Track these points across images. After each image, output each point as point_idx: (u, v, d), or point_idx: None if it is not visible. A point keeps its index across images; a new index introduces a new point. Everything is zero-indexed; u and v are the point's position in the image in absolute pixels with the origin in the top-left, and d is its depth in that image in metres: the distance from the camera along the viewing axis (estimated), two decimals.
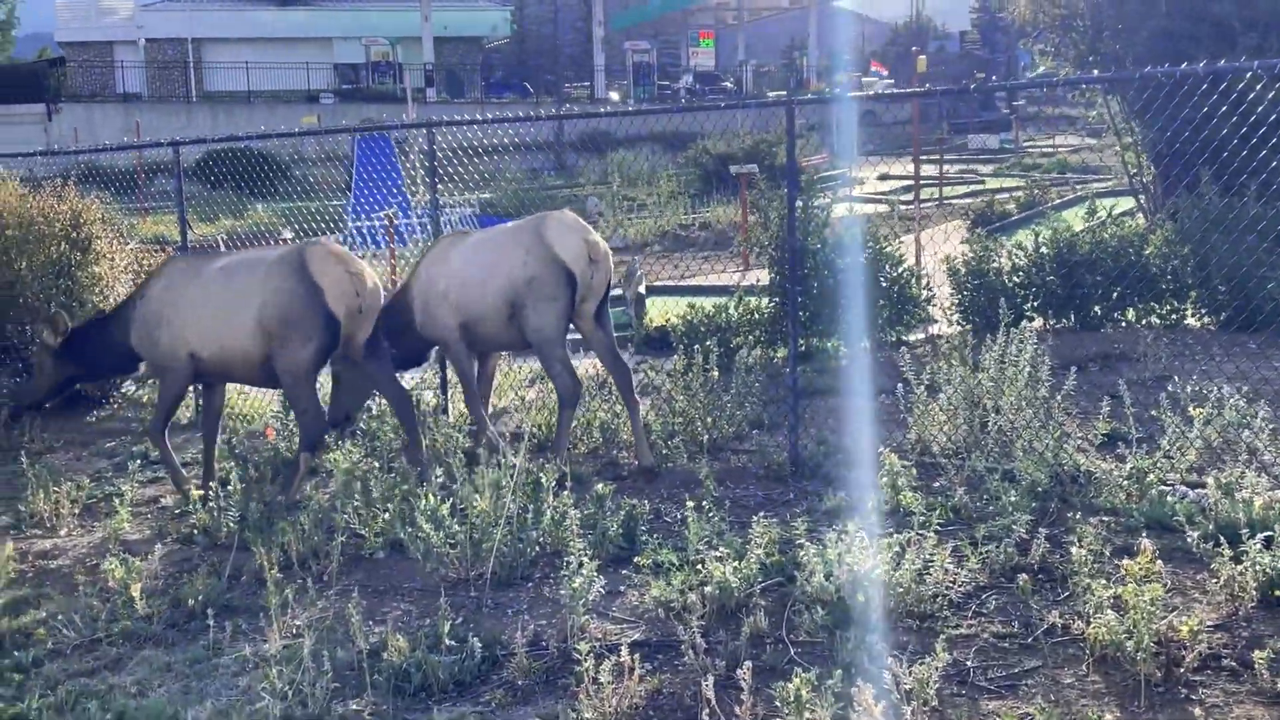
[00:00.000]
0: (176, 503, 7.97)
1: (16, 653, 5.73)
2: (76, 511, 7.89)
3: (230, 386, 9.04)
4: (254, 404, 10.42)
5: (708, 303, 11.42)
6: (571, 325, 7.98)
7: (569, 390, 7.81)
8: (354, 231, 22.81)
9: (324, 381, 8.07)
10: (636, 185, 32.03)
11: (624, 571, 6.18)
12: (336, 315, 7.44)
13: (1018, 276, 10.82)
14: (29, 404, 8.60)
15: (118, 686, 5.26)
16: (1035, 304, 10.78)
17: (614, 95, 58.34)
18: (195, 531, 7.23)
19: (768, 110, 10.24)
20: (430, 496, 6.29)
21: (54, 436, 10.09)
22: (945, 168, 29.26)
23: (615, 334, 8.34)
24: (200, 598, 6.00)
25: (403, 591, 6.21)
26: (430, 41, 54.24)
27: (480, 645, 5.16)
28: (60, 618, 6.07)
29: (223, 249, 12.29)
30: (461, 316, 7.97)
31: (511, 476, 6.34)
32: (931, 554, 5.51)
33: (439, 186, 10.17)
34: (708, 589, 5.54)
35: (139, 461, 8.94)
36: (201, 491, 7.62)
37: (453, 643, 5.19)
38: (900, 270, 11.21)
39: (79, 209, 10.83)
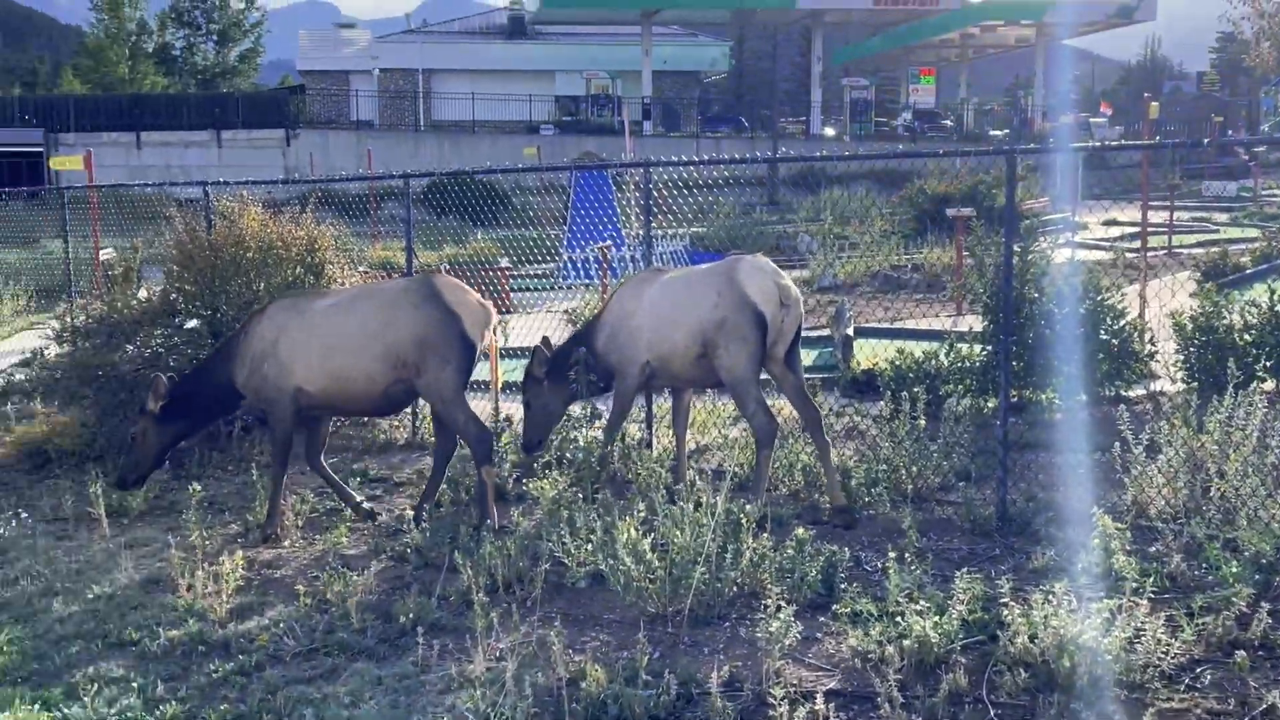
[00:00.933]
0: (393, 520, 8.32)
1: (241, 656, 6.08)
2: (300, 524, 8.32)
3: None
4: None
5: (917, 348, 11.27)
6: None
7: (765, 430, 7.83)
8: (568, 263, 23.44)
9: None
10: (849, 223, 31.86)
11: (821, 618, 6.16)
12: (473, 340, 7.97)
13: (1250, 334, 10.31)
14: (135, 478, 8.47)
15: (332, 696, 5.53)
16: (1268, 364, 10.25)
17: (829, 131, 58.17)
18: (409, 550, 7.52)
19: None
20: (632, 530, 6.40)
21: (263, 449, 10.63)
22: (1176, 215, 28.12)
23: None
24: (411, 615, 6.26)
25: (602, 622, 6.34)
26: (649, 75, 55.25)
27: (676, 682, 5.23)
28: (281, 625, 6.42)
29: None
30: (649, 353, 8.11)
31: (712, 515, 6.40)
32: (1144, 622, 5.31)
33: (653, 221, 10.36)
34: (906, 642, 5.48)
35: (358, 480, 9.43)
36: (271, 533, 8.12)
37: (649, 677, 5.28)
38: (1122, 324, 10.83)
39: (315, 235, 11.42)
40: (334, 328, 8.10)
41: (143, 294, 11.81)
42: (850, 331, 13.18)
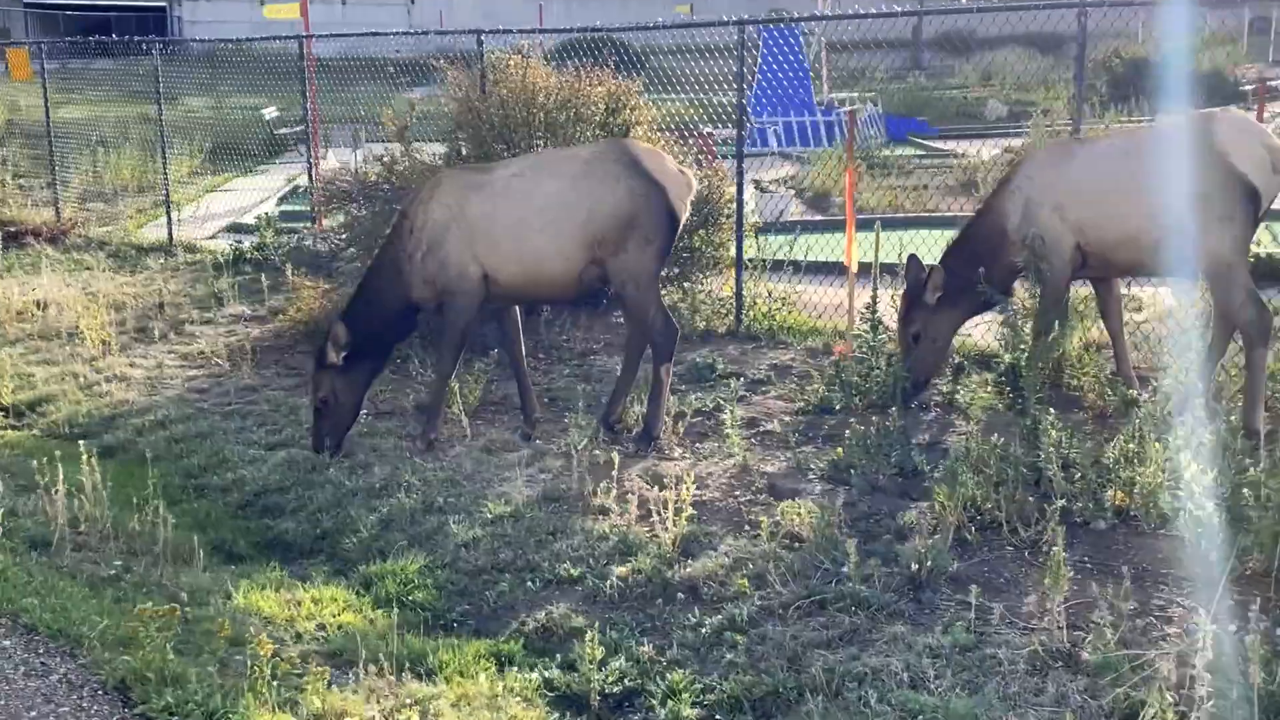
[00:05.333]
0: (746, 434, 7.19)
1: (724, 606, 5.00)
2: (680, 430, 7.21)
3: None
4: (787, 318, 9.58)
5: None
6: None
7: (1259, 325, 6.40)
8: (757, 129, 21.83)
9: None
10: (1030, 90, 29.67)
11: None
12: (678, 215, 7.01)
13: None
14: (336, 442, 7.09)
15: (885, 671, 4.40)
16: None
17: None
18: (844, 470, 6.36)
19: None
20: (1193, 464, 5.12)
21: (588, 335, 9.56)
22: None
23: None
24: (928, 564, 5.07)
25: (1161, 578, 5.10)
26: None
27: None
28: (750, 566, 5.33)
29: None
30: (1082, 236, 6.72)
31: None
32: None
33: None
34: None
35: (713, 374, 8.32)
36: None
37: None
38: None
39: (618, 90, 10.13)
40: (523, 202, 6.97)
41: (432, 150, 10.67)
42: None
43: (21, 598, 4.66)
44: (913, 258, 7.32)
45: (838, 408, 7.42)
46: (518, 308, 7.56)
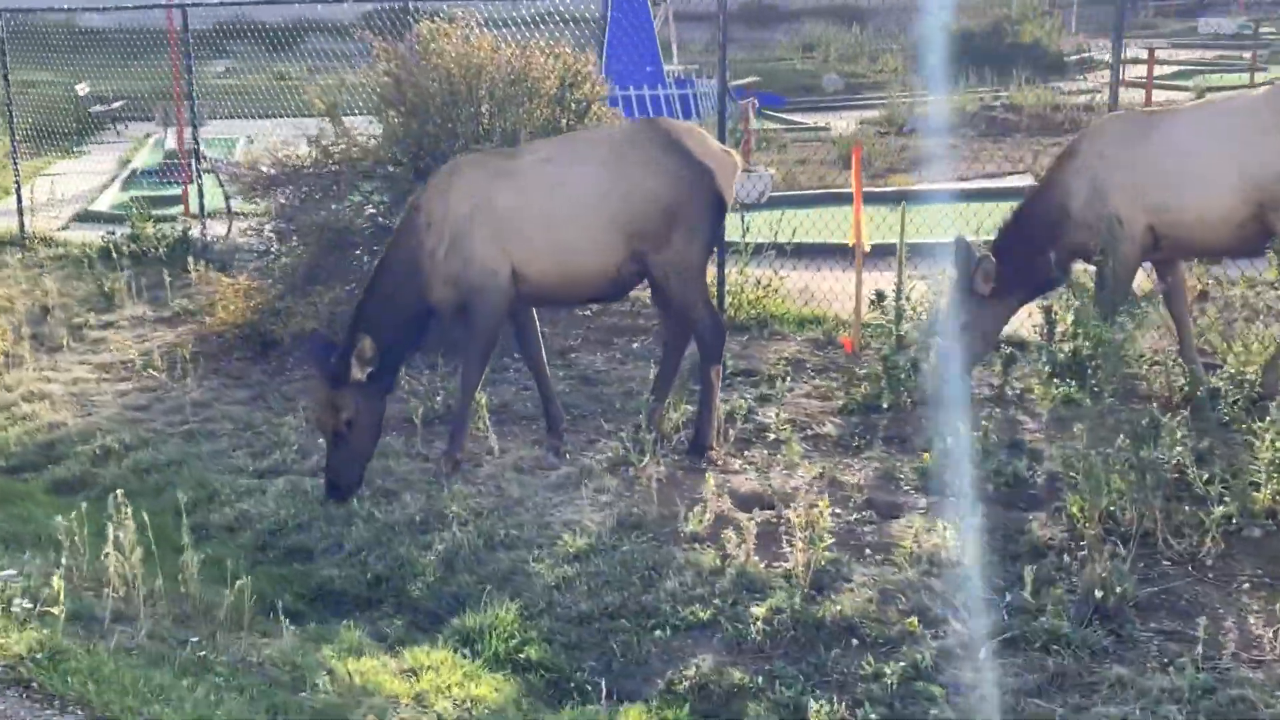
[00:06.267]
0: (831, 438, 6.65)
1: (900, 649, 4.43)
2: (729, 437, 6.59)
3: None
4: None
5: None
6: None
7: None
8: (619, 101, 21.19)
9: None
10: (856, 61, 30.01)
11: None
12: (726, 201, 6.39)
13: None
14: (354, 479, 6.03)
15: None
16: None
17: None
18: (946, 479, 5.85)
19: None
20: None
21: (561, 332, 8.82)
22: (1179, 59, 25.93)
23: None
24: (1116, 590, 4.58)
25: None
26: None
27: None
28: (903, 599, 4.79)
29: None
30: (1155, 216, 6.40)
31: None
32: None
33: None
34: None
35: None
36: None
37: None
38: None
39: (574, 64, 9.34)
40: (556, 190, 6.27)
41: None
42: None
43: (102, 694, 3.73)
44: (961, 240, 6.88)
45: (885, 406, 6.92)
46: (534, 310, 6.78)
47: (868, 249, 8.25)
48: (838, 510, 5.60)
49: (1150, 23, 37.31)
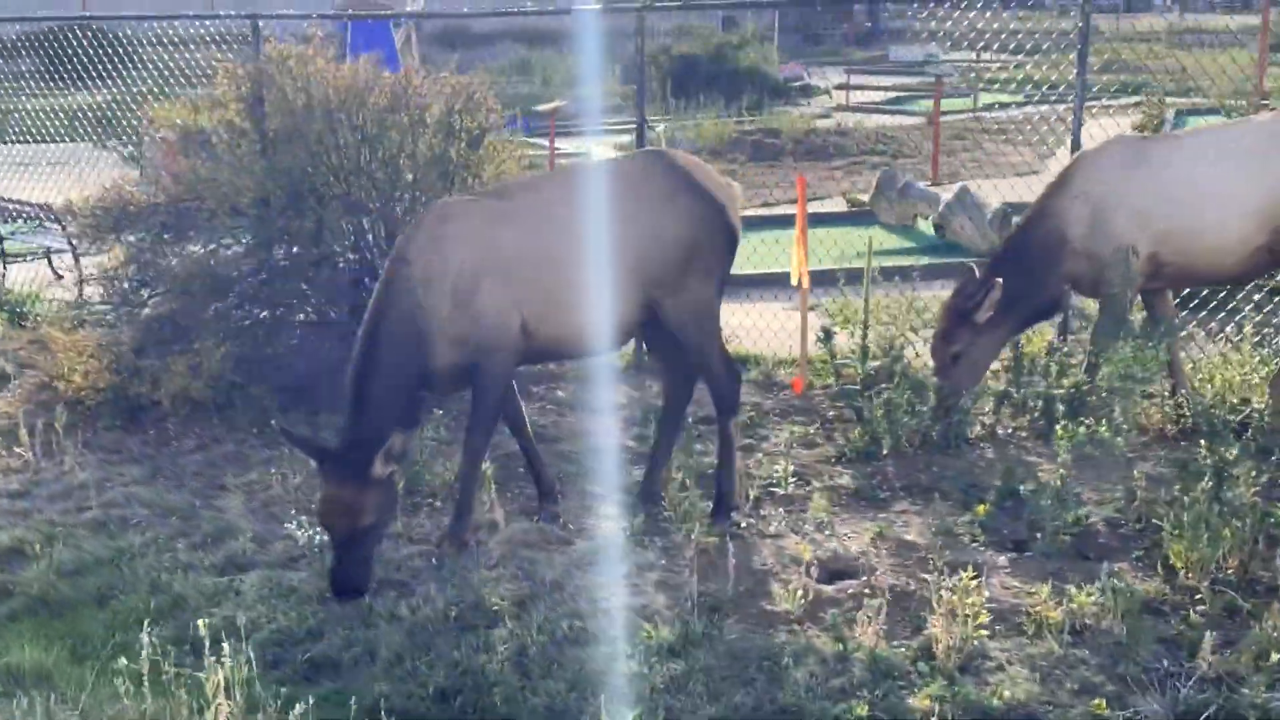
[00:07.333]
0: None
1: None
2: (749, 494, 6.04)
3: None
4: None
5: None
6: None
7: None
8: None
9: None
10: (572, 85, 30.14)
11: None
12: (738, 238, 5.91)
13: None
14: (364, 576, 5.15)
15: None
16: None
17: None
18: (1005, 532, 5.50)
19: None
20: None
21: None
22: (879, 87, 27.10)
23: None
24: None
25: None
26: None
27: None
28: (1066, 677, 4.38)
29: None
30: (1160, 244, 6.34)
31: None
32: None
33: None
34: None
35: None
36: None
37: None
38: None
39: (468, 87, 8.51)
40: (565, 233, 5.61)
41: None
42: None
43: None
44: (964, 265, 6.72)
45: (885, 452, 6.55)
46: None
47: (806, 284, 7.89)
48: (924, 576, 5.15)
49: (836, 49, 38.84)
